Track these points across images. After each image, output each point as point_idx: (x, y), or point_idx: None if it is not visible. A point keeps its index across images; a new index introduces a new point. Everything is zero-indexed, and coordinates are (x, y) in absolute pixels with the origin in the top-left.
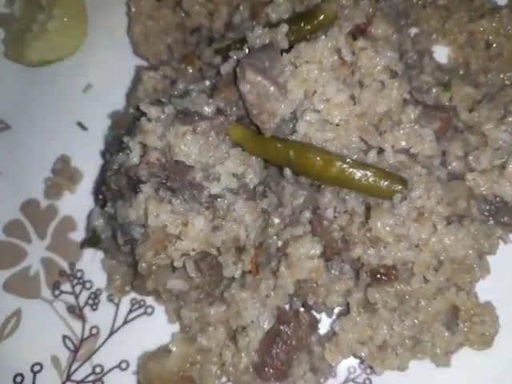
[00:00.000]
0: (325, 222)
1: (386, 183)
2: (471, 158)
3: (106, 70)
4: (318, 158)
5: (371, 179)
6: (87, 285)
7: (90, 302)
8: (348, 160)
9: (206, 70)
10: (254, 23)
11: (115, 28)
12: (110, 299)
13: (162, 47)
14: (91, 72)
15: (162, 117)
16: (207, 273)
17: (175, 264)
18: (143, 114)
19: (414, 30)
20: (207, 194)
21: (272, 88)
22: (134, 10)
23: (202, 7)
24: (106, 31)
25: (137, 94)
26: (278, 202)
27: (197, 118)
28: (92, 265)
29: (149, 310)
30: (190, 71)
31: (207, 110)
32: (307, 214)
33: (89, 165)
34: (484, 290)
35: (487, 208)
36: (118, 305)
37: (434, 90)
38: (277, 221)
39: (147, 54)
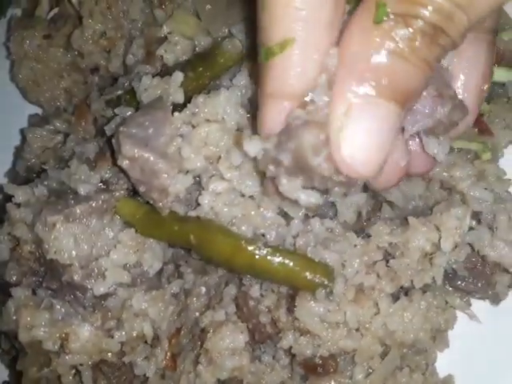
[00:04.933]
0: (251, 301)
1: (307, 274)
2: None
3: None
4: (224, 246)
5: (289, 269)
6: None
7: None
8: (260, 247)
9: (100, 123)
10: (148, 67)
11: None
12: None
13: (58, 91)
14: None
15: (32, 200)
16: (112, 376)
17: (63, 381)
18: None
19: None
20: (91, 295)
21: (158, 162)
22: (15, 52)
23: (94, 44)
24: None
25: (24, 156)
26: (202, 271)
27: (72, 201)
28: None
29: None
30: (83, 124)
31: (82, 190)
32: (232, 291)
33: None
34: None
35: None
36: None
37: None
38: (204, 290)
39: (40, 101)
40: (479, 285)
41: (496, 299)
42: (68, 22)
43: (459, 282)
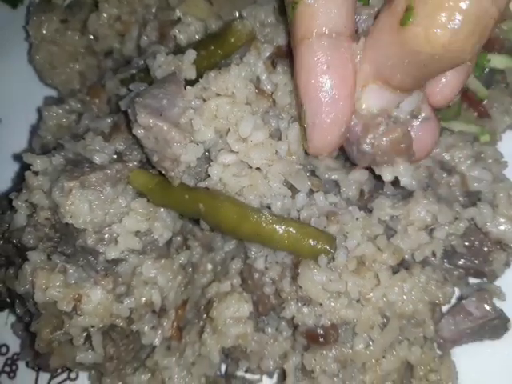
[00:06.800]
0: (255, 273)
1: (310, 242)
2: None
3: (14, 103)
4: (232, 214)
5: (292, 237)
6: (3, 349)
7: (7, 369)
8: (266, 215)
9: (114, 101)
10: (162, 47)
11: (16, 56)
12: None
13: (73, 74)
14: None
15: (50, 169)
16: (121, 343)
17: (74, 343)
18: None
19: None
20: (104, 260)
21: (171, 131)
22: (33, 35)
23: (110, 28)
24: (7, 61)
25: (39, 134)
26: (209, 248)
27: (87, 169)
28: (6, 328)
29: (72, 375)
30: (97, 103)
31: (98, 159)
32: (238, 264)
33: None
34: None
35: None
36: (38, 371)
37: None
38: (210, 267)
39: (55, 83)
40: (476, 262)
41: (492, 276)
42: (84, 7)
43: (457, 260)
